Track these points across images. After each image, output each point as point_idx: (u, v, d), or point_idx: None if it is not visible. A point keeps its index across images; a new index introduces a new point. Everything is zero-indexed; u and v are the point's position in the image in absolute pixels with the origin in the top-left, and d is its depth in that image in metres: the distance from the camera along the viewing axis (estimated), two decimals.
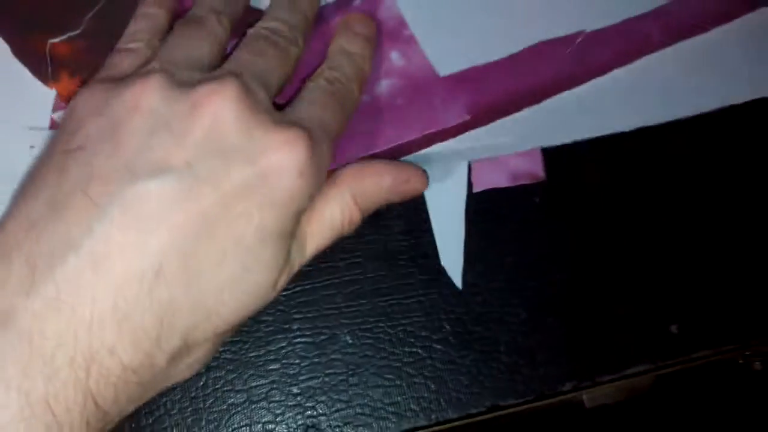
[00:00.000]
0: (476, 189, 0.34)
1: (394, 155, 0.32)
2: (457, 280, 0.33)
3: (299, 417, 0.33)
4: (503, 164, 0.34)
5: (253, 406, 0.33)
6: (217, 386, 0.33)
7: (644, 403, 0.43)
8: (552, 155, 0.34)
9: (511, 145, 0.34)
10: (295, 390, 0.33)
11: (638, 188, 0.34)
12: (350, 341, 0.33)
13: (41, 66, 0.33)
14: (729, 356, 0.35)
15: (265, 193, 0.25)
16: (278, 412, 0.33)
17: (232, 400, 0.33)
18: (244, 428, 0.32)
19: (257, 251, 0.25)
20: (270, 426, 0.33)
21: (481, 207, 0.34)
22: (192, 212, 0.24)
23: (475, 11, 0.33)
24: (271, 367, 0.33)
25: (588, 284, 0.34)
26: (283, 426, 0.33)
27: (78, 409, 0.22)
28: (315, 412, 0.33)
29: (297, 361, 0.33)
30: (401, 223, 0.34)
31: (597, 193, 0.34)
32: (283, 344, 0.33)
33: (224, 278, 0.24)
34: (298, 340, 0.33)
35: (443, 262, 0.33)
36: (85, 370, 0.22)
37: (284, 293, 0.33)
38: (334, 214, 0.29)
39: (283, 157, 0.25)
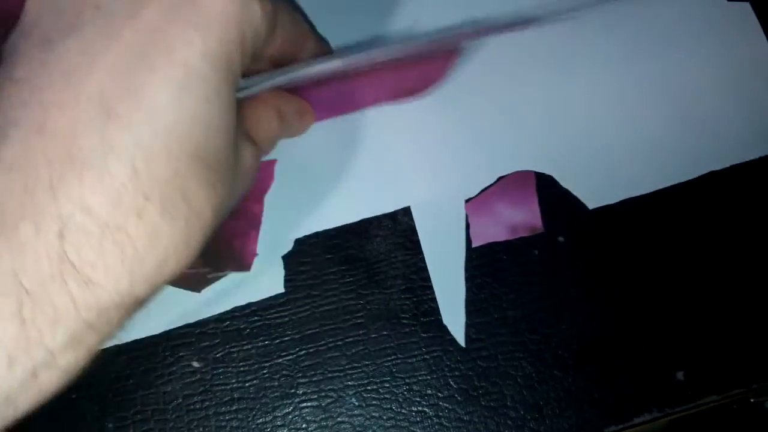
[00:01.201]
0: (476, 244, 0.34)
1: None
2: (460, 338, 0.33)
3: None
4: (502, 218, 0.34)
5: None
6: None
7: None
8: (550, 206, 0.34)
9: None
10: None
11: (639, 238, 0.34)
12: (356, 403, 0.33)
13: None
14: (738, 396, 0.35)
15: (195, 12, 0.23)
16: None
17: None
18: None
19: (213, 81, 0.23)
20: None
21: (482, 260, 0.34)
22: (117, 48, 0.22)
23: None
24: None
25: (592, 335, 0.34)
26: None
27: (57, 283, 0.20)
28: None
29: (304, 425, 0.33)
30: (402, 282, 0.34)
31: (597, 244, 0.34)
32: (290, 409, 0.33)
33: (187, 112, 0.22)
34: (304, 404, 0.33)
35: (445, 322, 0.33)
36: (57, 235, 0.20)
37: (288, 358, 0.33)
38: (272, 116, 0.30)
39: None
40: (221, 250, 0.34)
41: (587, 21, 0.36)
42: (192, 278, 0.34)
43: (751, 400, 0.40)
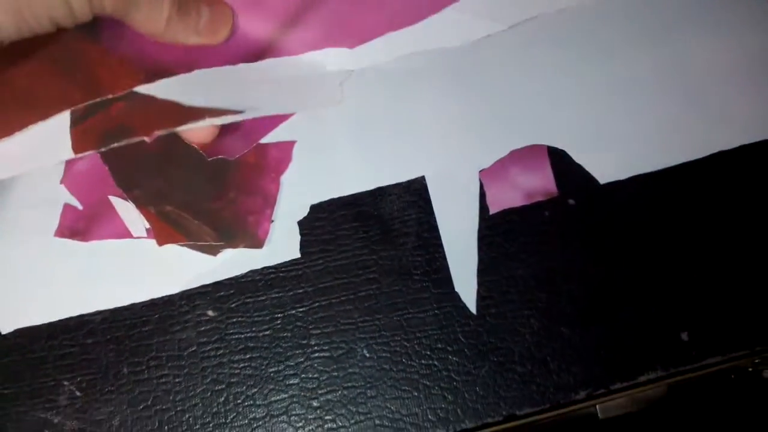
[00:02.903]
0: (493, 211, 0.35)
1: None
2: (472, 306, 0.34)
3: (319, 430, 0.33)
4: (517, 183, 0.35)
5: (273, 420, 0.33)
6: (238, 401, 0.33)
7: (656, 413, 0.43)
8: (562, 180, 0.35)
9: None
10: (314, 404, 0.33)
11: (646, 198, 0.35)
12: (367, 355, 0.34)
13: None
14: (739, 364, 0.36)
15: None
16: (299, 425, 0.33)
17: (253, 414, 0.33)
18: None
19: None
20: None
21: (493, 221, 0.35)
22: None
23: None
24: (290, 382, 0.34)
25: (599, 294, 0.34)
26: None
27: None
28: (335, 425, 0.33)
29: (315, 375, 0.34)
30: (414, 239, 0.35)
31: (605, 205, 0.35)
32: (302, 359, 0.34)
33: None
34: (316, 354, 0.34)
35: (457, 289, 0.34)
36: None
37: (301, 309, 0.34)
38: None
39: None
40: (236, 225, 0.35)
41: (602, 4, 0.37)
42: (205, 250, 0.35)
43: (750, 369, 0.40)
